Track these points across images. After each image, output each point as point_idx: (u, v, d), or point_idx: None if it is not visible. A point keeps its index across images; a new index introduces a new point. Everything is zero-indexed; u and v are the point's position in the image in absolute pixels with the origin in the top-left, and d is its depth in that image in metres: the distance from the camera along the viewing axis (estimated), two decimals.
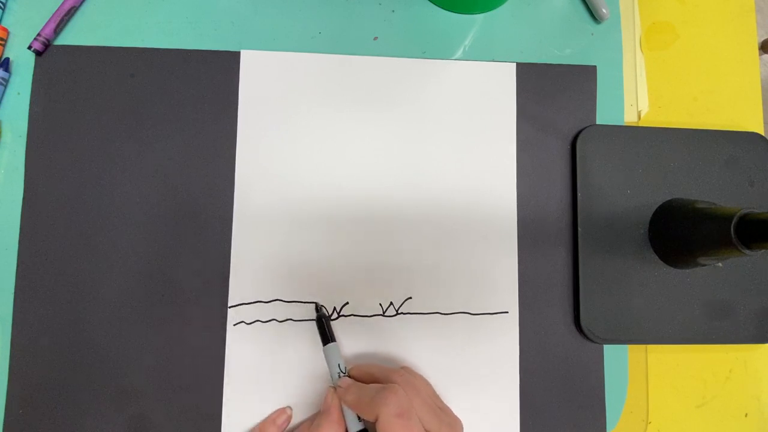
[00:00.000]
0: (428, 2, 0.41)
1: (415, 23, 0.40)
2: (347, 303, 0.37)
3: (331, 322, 0.36)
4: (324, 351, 0.35)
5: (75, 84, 0.37)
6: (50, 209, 0.36)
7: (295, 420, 0.35)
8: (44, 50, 0.37)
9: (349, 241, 0.37)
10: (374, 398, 0.29)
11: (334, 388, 0.33)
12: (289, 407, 0.35)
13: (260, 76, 0.38)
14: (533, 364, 0.37)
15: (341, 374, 0.33)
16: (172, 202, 0.37)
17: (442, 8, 0.41)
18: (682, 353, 0.39)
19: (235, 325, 0.36)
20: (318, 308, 0.36)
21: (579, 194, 0.38)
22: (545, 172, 0.39)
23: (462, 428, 0.31)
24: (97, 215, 0.36)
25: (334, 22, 0.40)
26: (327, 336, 0.35)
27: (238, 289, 0.36)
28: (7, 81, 0.37)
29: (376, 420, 0.28)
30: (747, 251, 0.31)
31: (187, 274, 0.36)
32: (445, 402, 0.34)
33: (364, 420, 0.31)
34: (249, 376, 0.35)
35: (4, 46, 0.37)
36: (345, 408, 0.32)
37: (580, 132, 0.39)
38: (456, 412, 0.32)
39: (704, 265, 0.37)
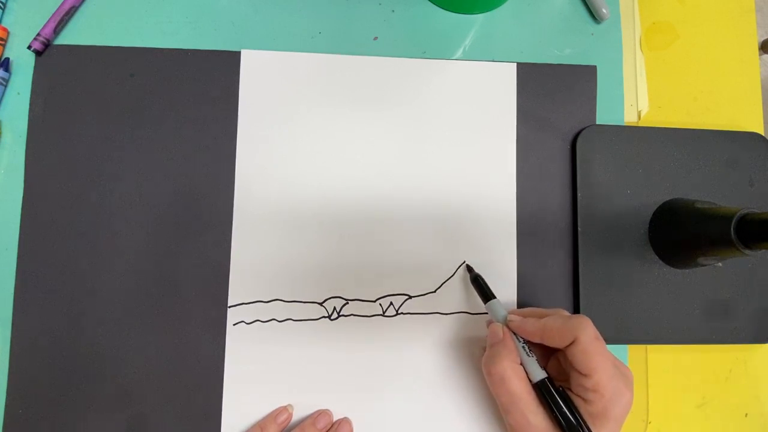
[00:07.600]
0: (428, 2, 0.41)
1: (415, 23, 0.40)
2: (347, 303, 0.37)
3: (330, 322, 0.36)
4: (487, 307, 0.35)
5: (75, 84, 0.37)
6: (50, 209, 0.36)
7: (295, 419, 0.35)
8: (44, 50, 0.37)
9: (350, 241, 0.37)
10: (567, 324, 0.30)
11: (500, 324, 0.33)
12: (290, 405, 0.35)
13: (260, 76, 0.38)
14: None
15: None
16: (172, 202, 0.37)
17: (442, 8, 0.41)
18: (682, 353, 0.39)
19: (234, 325, 0.36)
20: (469, 269, 0.37)
21: (579, 194, 0.38)
22: (545, 172, 0.39)
23: None
24: (97, 215, 0.36)
25: (334, 22, 0.40)
26: (487, 294, 0.35)
27: (238, 289, 0.36)
28: (7, 81, 0.37)
29: (572, 343, 0.29)
30: (747, 251, 0.31)
31: (187, 274, 0.36)
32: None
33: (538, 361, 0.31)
34: (249, 376, 0.35)
35: (4, 46, 0.37)
36: (524, 356, 0.31)
37: (580, 132, 0.39)
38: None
39: (704, 265, 0.37)
